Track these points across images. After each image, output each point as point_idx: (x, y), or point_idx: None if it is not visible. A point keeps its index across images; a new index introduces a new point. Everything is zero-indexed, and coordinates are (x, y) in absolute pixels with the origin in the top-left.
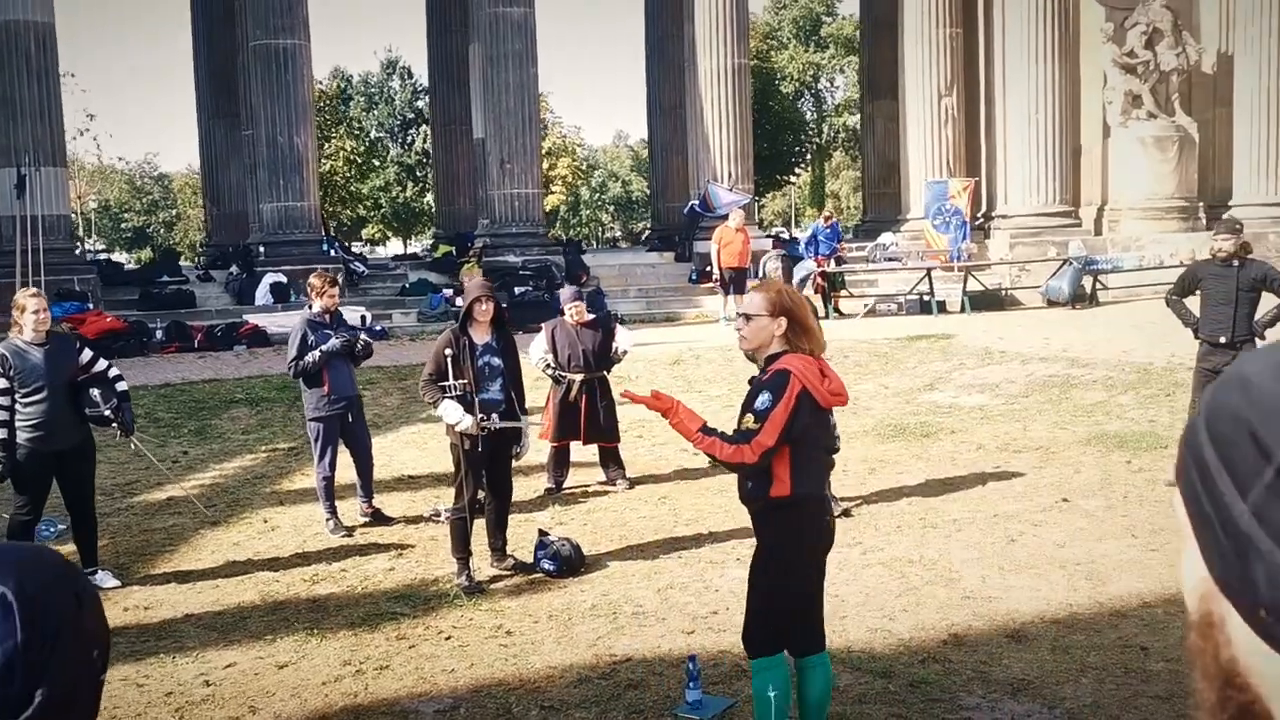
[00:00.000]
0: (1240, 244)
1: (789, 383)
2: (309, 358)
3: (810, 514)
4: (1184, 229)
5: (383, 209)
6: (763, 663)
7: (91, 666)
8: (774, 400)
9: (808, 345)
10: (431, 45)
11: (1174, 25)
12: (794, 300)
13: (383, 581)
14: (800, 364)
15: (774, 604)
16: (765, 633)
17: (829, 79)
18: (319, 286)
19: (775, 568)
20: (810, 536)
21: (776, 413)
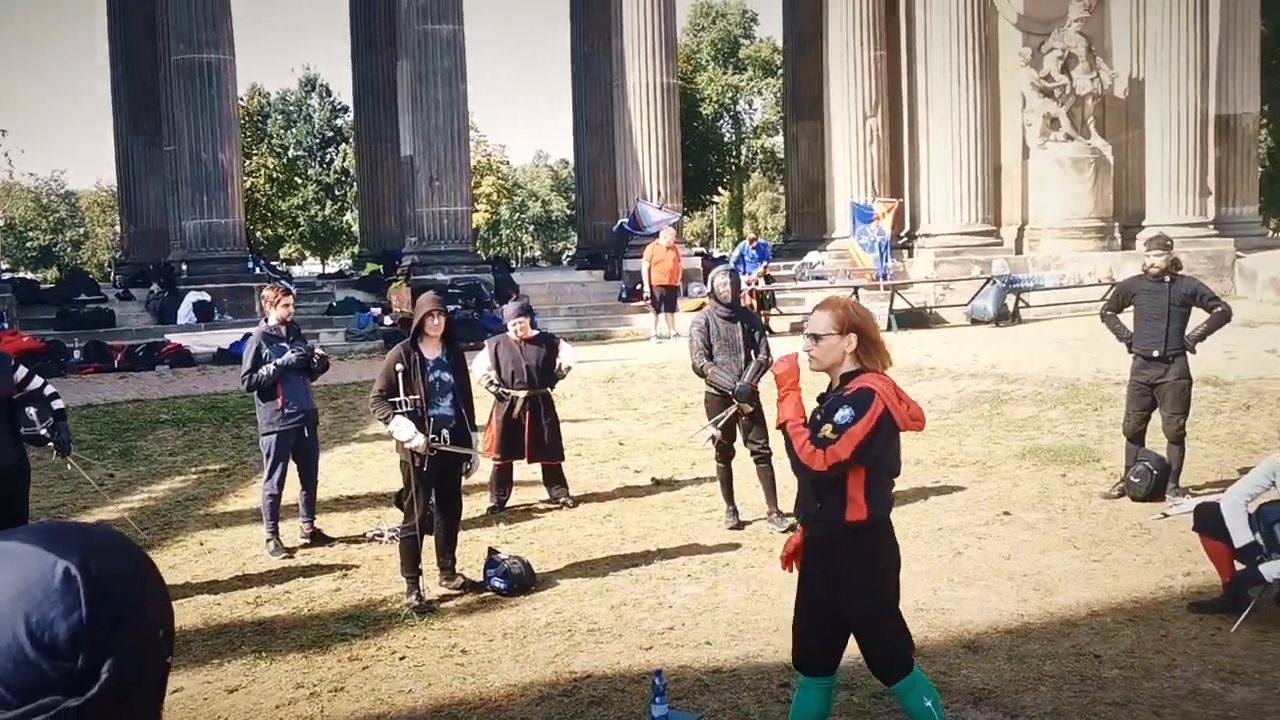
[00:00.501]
0: (1171, 260)
1: (873, 402)
2: (263, 371)
3: (887, 536)
4: (1101, 248)
5: (301, 228)
6: (911, 680)
7: (158, 646)
8: (855, 417)
9: (879, 361)
10: (356, 62)
11: (1088, 50)
12: (861, 315)
13: (329, 603)
14: (881, 384)
15: (899, 622)
16: (906, 650)
17: (747, 101)
18: (273, 298)
19: (884, 590)
20: (887, 558)
21: (855, 429)
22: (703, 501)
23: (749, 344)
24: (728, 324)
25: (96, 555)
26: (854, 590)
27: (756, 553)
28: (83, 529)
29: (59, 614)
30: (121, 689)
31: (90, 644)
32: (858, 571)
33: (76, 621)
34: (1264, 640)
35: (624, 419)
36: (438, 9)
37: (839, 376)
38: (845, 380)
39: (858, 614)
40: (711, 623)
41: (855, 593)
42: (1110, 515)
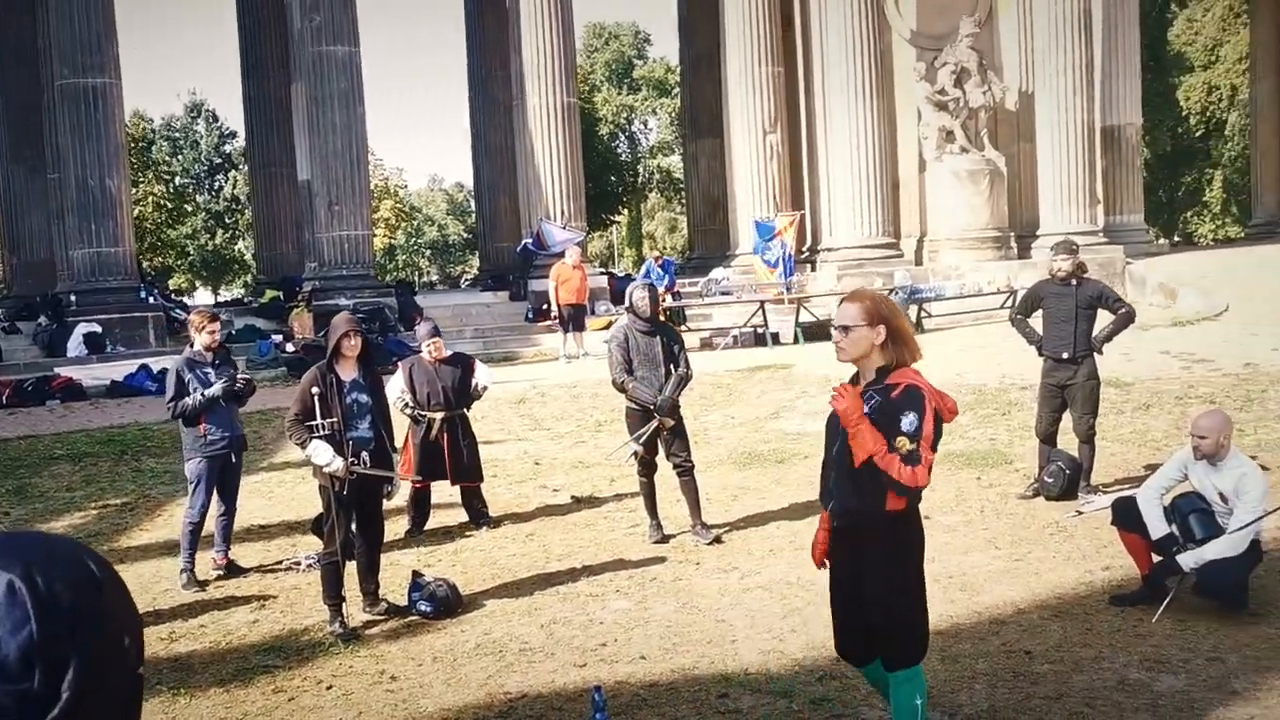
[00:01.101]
0: (1077, 264)
1: (926, 400)
2: (188, 400)
3: (919, 523)
4: (998, 257)
5: (191, 257)
6: (912, 672)
7: (123, 656)
8: (920, 419)
9: (908, 354)
10: (247, 86)
11: (979, 65)
12: (890, 308)
13: (248, 635)
14: (922, 381)
15: (916, 614)
16: (923, 640)
17: (642, 121)
18: (199, 322)
19: (905, 578)
20: (921, 545)
21: (927, 431)
22: (625, 517)
23: (669, 358)
24: (647, 338)
25: (42, 565)
26: (884, 575)
27: (684, 565)
28: (27, 538)
29: (5, 632)
30: (87, 705)
31: (45, 661)
32: (892, 557)
33: (26, 638)
34: (1184, 629)
35: (538, 439)
36: (333, 31)
37: (874, 370)
38: (881, 375)
39: (884, 596)
40: (644, 637)
41: (884, 577)
42: (1027, 515)
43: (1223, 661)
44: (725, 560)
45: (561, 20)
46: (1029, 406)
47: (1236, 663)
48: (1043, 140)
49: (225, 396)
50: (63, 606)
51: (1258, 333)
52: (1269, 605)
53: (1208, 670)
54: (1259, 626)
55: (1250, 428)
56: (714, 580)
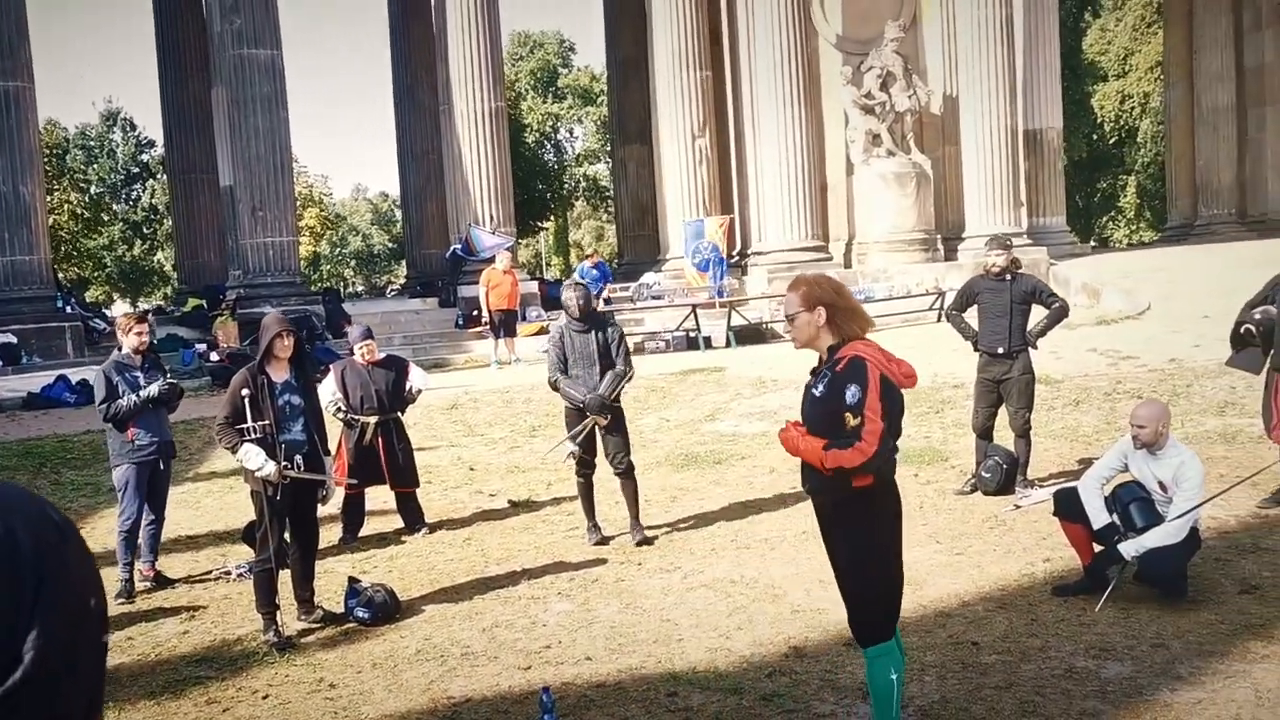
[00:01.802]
0: (1011, 259)
1: (868, 368)
2: (123, 401)
3: (889, 500)
4: (926, 260)
5: (108, 268)
6: (881, 649)
7: (89, 620)
8: (863, 389)
9: (857, 326)
10: (165, 91)
11: (905, 69)
12: (826, 289)
13: (178, 646)
14: (867, 349)
15: (881, 588)
16: (881, 617)
17: (568, 129)
18: (126, 324)
19: (876, 553)
20: (889, 521)
21: (870, 398)
22: (563, 520)
23: (603, 355)
24: (582, 337)
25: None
26: (853, 548)
27: (625, 566)
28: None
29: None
30: (52, 672)
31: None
32: (859, 531)
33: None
34: (1127, 617)
35: (472, 445)
36: (255, 33)
37: (825, 349)
38: (832, 353)
39: (853, 570)
40: (589, 638)
41: (854, 550)
42: (965, 510)
43: (1167, 648)
44: (667, 560)
45: (488, 24)
46: (962, 404)
47: (1180, 648)
48: (967, 143)
49: (158, 399)
50: (24, 559)
51: (1179, 330)
52: (1208, 592)
53: (1152, 656)
54: (1199, 613)
55: (1178, 421)
56: (657, 580)
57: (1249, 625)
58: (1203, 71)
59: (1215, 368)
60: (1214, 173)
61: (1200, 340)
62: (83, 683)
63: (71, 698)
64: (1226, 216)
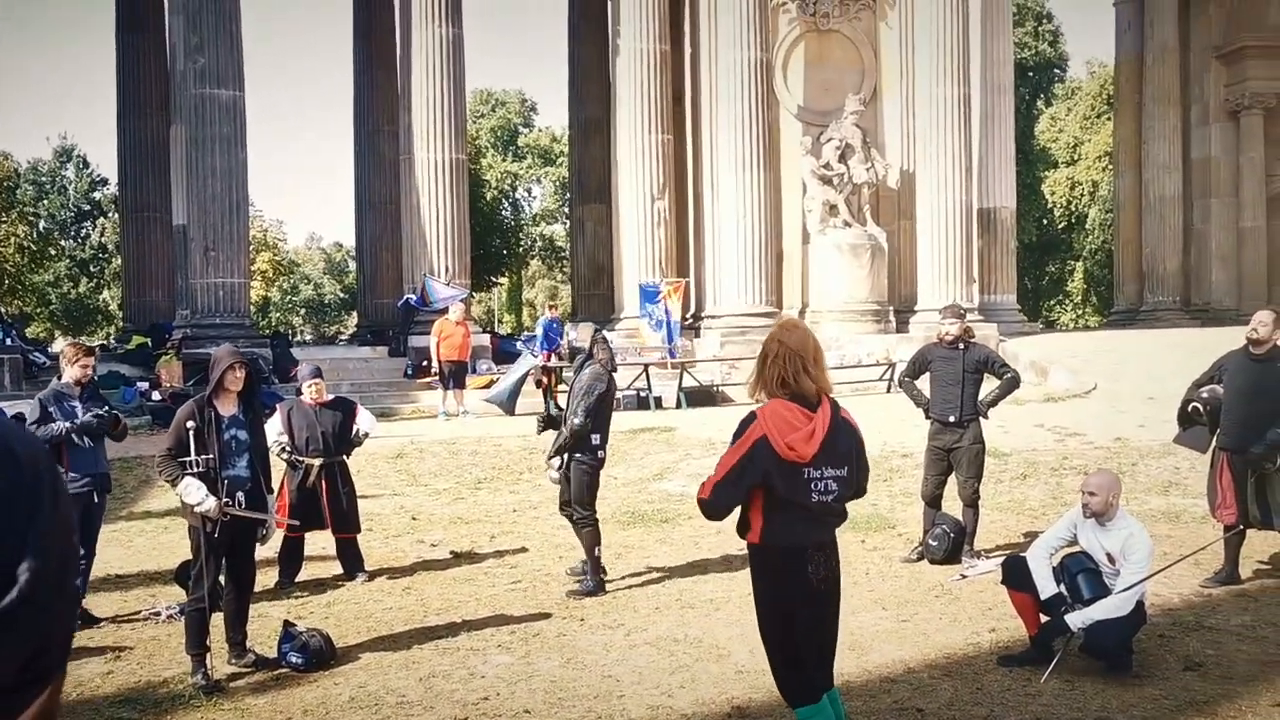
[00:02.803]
0: (964, 328)
1: (749, 427)
2: (54, 427)
3: (784, 565)
4: (878, 330)
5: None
6: (809, 710)
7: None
8: (732, 441)
9: (770, 388)
10: (122, 127)
11: (863, 142)
12: (774, 345)
13: (102, 685)
14: (775, 410)
15: (780, 651)
16: (795, 680)
17: (526, 188)
18: (72, 355)
19: (762, 614)
20: (784, 587)
21: (727, 454)
22: (506, 573)
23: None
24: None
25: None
26: (756, 602)
27: (568, 621)
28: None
29: None
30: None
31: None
32: (756, 586)
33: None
34: (1072, 689)
35: (415, 494)
36: (218, 74)
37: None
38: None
39: (759, 625)
40: (528, 691)
41: (756, 605)
42: (912, 578)
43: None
44: (610, 617)
45: (453, 76)
46: (911, 473)
47: None
48: (923, 218)
49: (91, 431)
50: (22, 467)
51: (1125, 410)
52: (1152, 667)
53: None
54: (1143, 687)
55: (1123, 499)
56: (599, 636)
57: (1193, 702)
58: (1151, 161)
59: (1160, 447)
60: (1160, 260)
61: (1145, 421)
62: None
63: (63, 620)
64: (1171, 304)
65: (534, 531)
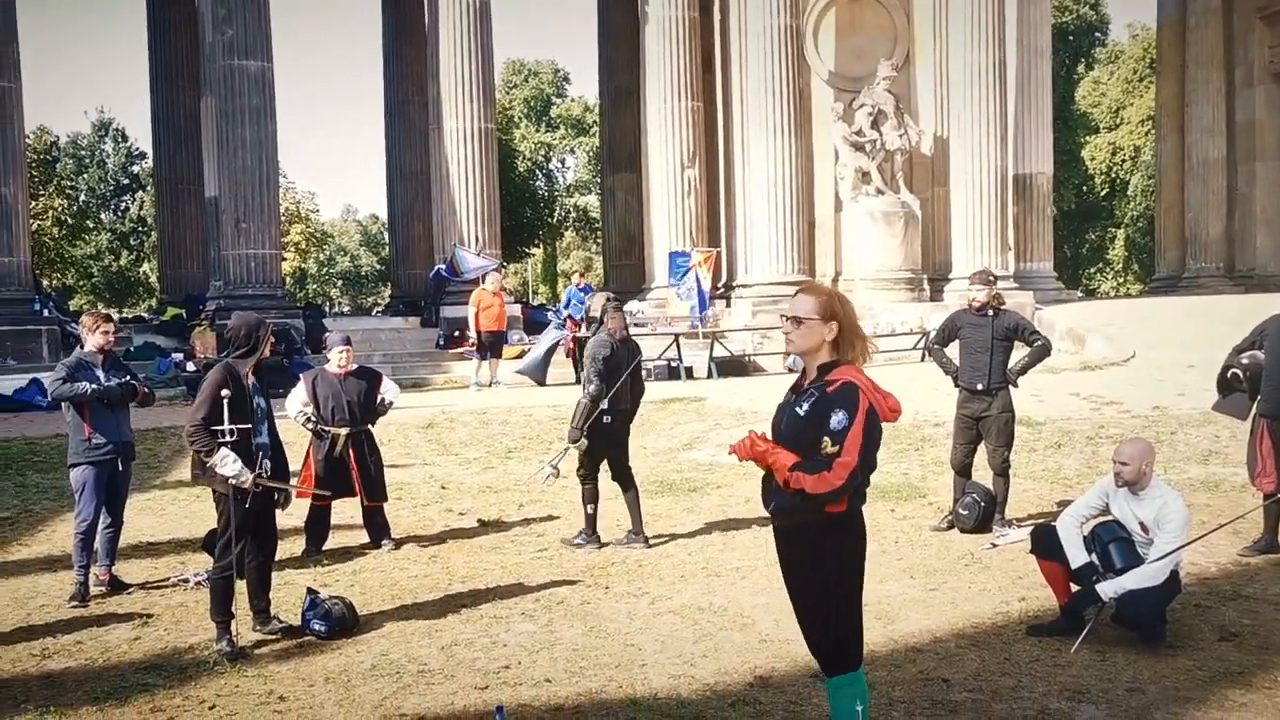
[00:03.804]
0: (993, 295)
1: (859, 398)
2: (78, 386)
3: (859, 529)
4: (911, 299)
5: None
6: (848, 678)
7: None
8: (850, 419)
9: (856, 354)
10: (155, 100)
11: (896, 108)
12: (845, 306)
13: (128, 652)
14: (861, 377)
15: (855, 617)
16: (849, 645)
17: (560, 159)
18: (91, 324)
19: (845, 581)
20: (860, 550)
21: (854, 431)
22: (532, 541)
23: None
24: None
25: None
26: (824, 574)
27: (592, 590)
28: None
29: None
30: None
31: None
32: (829, 558)
33: None
34: (1103, 660)
35: (445, 464)
36: (246, 44)
37: (816, 367)
38: (823, 372)
39: (818, 600)
40: (550, 660)
41: (824, 577)
42: (941, 546)
43: (1143, 692)
44: (635, 585)
45: (481, 45)
46: (942, 443)
47: (1156, 694)
48: (957, 185)
49: (112, 398)
50: None
51: (1164, 379)
52: (1186, 638)
53: (1128, 701)
54: (1177, 658)
55: (1161, 468)
56: (623, 604)
57: (1227, 673)
58: (1194, 125)
59: (1199, 416)
60: (1203, 226)
61: (1184, 389)
62: None
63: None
64: (1214, 270)
65: (562, 501)
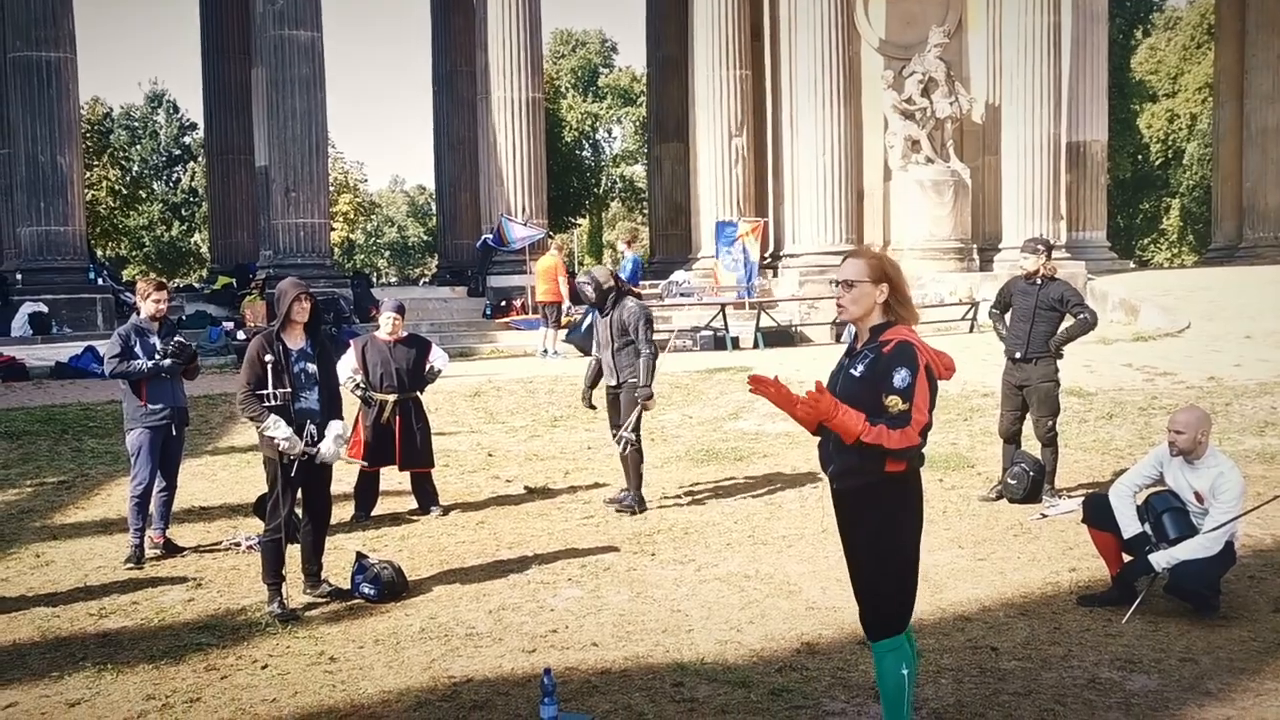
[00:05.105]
0: (1043, 263)
1: (917, 355)
2: (134, 364)
3: (917, 489)
4: (960, 269)
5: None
6: (892, 643)
7: None
8: (912, 375)
9: (907, 314)
10: (207, 70)
11: (947, 76)
12: (894, 268)
13: (182, 613)
14: (914, 337)
15: (906, 580)
16: (896, 609)
17: (607, 129)
18: (145, 290)
19: (899, 542)
20: (919, 510)
21: (920, 386)
22: (579, 508)
23: (619, 336)
24: (603, 319)
25: None
26: (876, 535)
27: (638, 556)
28: None
29: None
30: None
31: None
32: (886, 518)
33: None
34: (1156, 630)
35: (491, 432)
36: (296, 14)
37: (868, 329)
38: (876, 333)
39: (872, 558)
40: (596, 625)
41: (876, 538)
42: (990, 516)
43: (1195, 663)
44: (681, 552)
45: (529, 14)
46: (990, 412)
47: (1209, 664)
48: (1008, 153)
49: (170, 368)
50: None
51: (1219, 350)
52: (1240, 609)
53: (1180, 671)
54: (1231, 629)
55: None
56: (670, 571)
57: None
58: (1253, 91)
59: (1256, 387)
60: (1261, 195)
61: (1241, 360)
62: None
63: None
64: (1272, 240)
65: (607, 468)
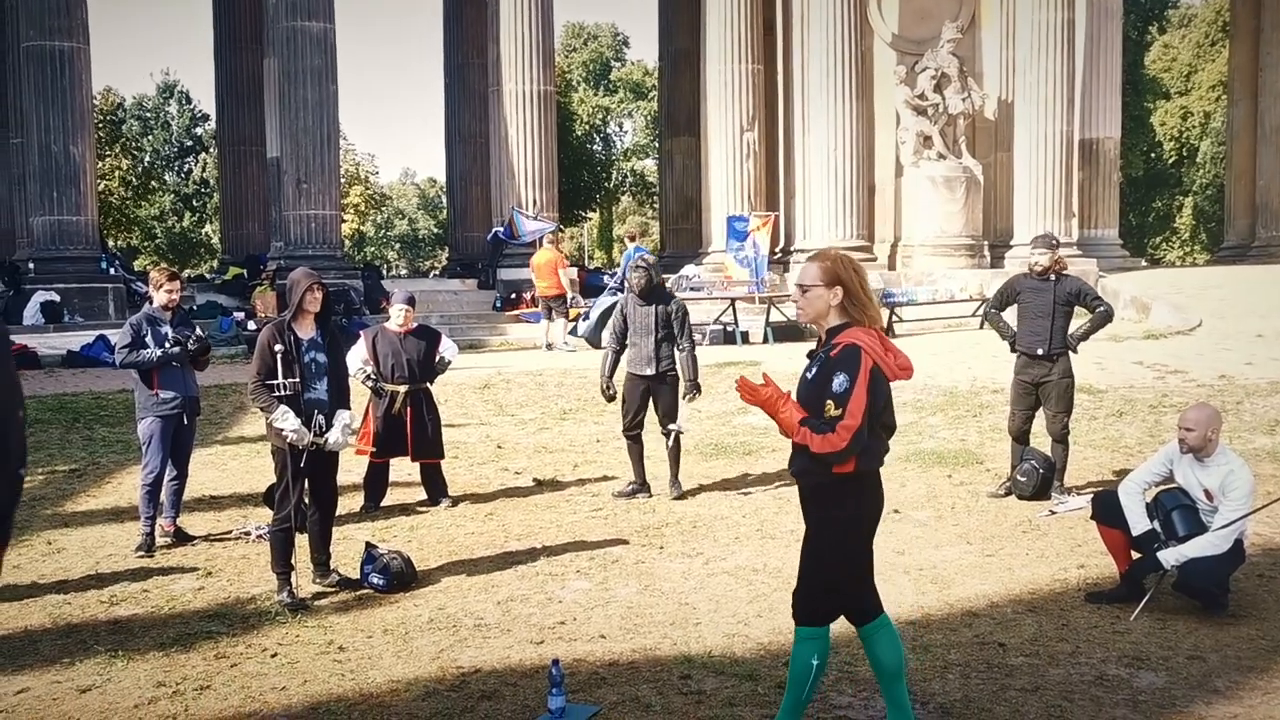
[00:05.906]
0: (1055, 259)
1: (861, 359)
2: (144, 354)
3: (868, 488)
4: (971, 265)
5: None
6: (812, 631)
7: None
8: (851, 380)
9: (866, 316)
10: (219, 61)
11: (960, 71)
12: (850, 270)
13: (192, 601)
14: (866, 338)
15: (837, 573)
16: (822, 602)
17: (618, 123)
18: (158, 280)
19: (836, 539)
20: (867, 508)
21: (856, 392)
22: (588, 501)
23: (662, 327)
24: (642, 310)
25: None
26: (817, 532)
27: (646, 549)
28: None
29: None
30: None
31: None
32: (829, 516)
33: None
34: (1164, 627)
35: (501, 424)
36: (308, 5)
37: (825, 331)
38: (830, 335)
39: (811, 552)
40: (604, 617)
41: (817, 534)
42: (999, 513)
43: (1203, 660)
44: (690, 546)
45: (541, 7)
46: (1000, 409)
47: (1217, 662)
48: (1020, 150)
49: (179, 359)
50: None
51: (1231, 348)
52: (1249, 607)
53: (1188, 668)
54: (1239, 627)
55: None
56: (678, 564)
57: None
58: (1268, 89)
59: (1267, 386)
60: (1274, 193)
61: (1252, 358)
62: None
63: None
64: None
65: (617, 461)
